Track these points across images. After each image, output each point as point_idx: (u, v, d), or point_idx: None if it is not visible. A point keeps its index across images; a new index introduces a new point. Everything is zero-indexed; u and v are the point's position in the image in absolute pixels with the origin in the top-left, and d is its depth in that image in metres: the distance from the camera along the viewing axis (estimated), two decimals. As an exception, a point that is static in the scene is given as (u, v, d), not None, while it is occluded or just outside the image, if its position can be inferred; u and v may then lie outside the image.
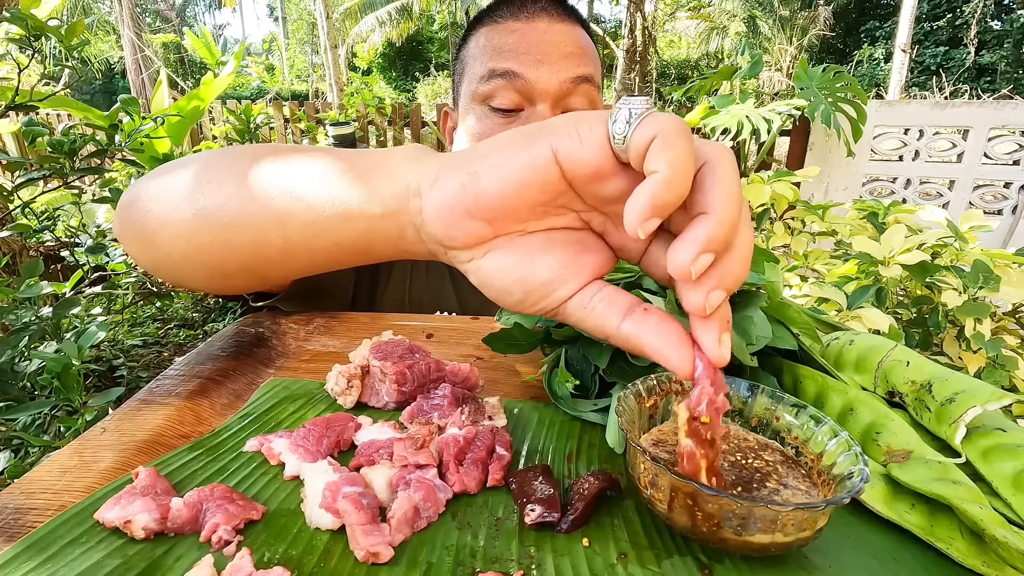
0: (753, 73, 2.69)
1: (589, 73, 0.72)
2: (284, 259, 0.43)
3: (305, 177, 0.39)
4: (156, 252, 0.48)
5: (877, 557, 0.31)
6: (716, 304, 0.27)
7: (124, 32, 11.52)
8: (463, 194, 0.31)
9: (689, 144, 0.26)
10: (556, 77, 0.70)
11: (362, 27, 13.95)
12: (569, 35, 0.73)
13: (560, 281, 0.32)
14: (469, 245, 0.33)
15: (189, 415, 0.45)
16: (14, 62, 1.09)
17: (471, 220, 0.32)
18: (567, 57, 0.71)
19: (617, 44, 6.53)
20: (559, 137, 0.29)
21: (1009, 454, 0.34)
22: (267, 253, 0.42)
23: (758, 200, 0.97)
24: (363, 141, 3.62)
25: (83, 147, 1.18)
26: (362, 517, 0.31)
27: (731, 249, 0.27)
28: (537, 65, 0.70)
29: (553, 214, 0.32)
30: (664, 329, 0.29)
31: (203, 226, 0.43)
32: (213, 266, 0.46)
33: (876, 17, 15.48)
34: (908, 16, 9.84)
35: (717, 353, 0.27)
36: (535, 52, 0.70)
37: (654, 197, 0.25)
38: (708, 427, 0.28)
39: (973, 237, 0.76)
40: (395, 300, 0.82)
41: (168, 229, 0.45)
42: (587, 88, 0.72)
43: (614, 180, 0.29)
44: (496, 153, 0.31)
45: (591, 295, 0.32)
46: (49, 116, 3.77)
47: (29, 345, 1.05)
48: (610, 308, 0.31)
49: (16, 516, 0.34)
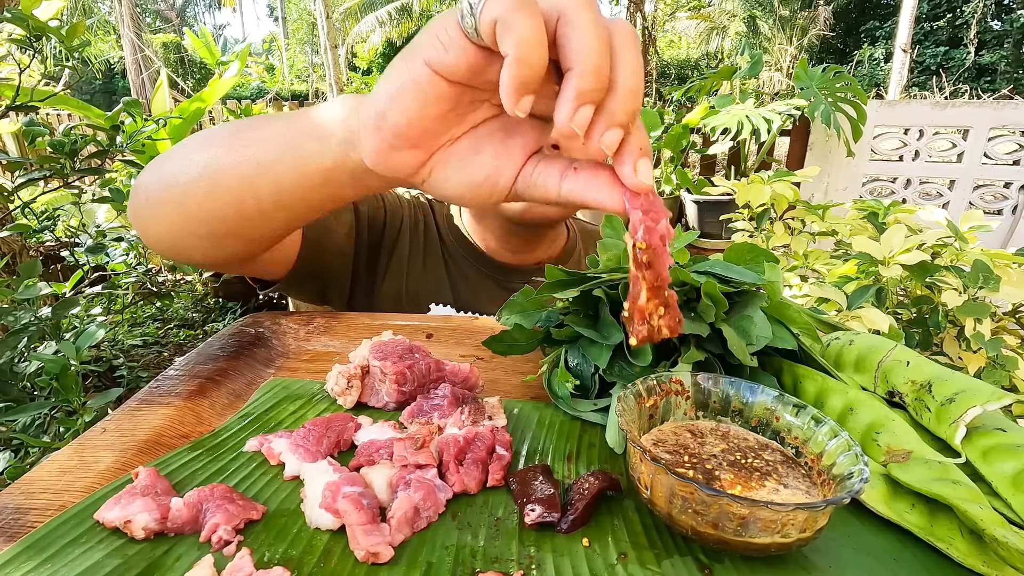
0: (753, 73, 2.69)
1: None
2: (263, 218, 0.47)
3: (263, 145, 0.44)
4: (159, 226, 0.52)
5: (877, 557, 0.31)
6: (614, 142, 0.28)
7: (124, 32, 11.52)
8: (382, 135, 0.34)
9: (529, 17, 0.26)
10: None
11: (362, 27, 13.95)
12: None
13: (498, 171, 0.35)
14: (412, 172, 0.36)
15: (189, 415, 0.45)
16: (15, 62, 1.09)
17: (400, 152, 0.34)
18: None
19: (617, 44, 6.52)
20: (426, 50, 0.30)
21: (1009, 454, 0.34)
22: (246, 214, 0.47)
23: (758, 200, 0.97)
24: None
25: (84, 147, 1.18)
26: (362, 517, 0.31)
27: (613, 88, 0.27)
28: None
29: (468, 112, 0.34)
30: (595, 178, 0.32)
31: (189, 198, 0.48)
32: (204, 233, 0.50)
33: (876, 17, 15.48)
34: (908, 16, 9.83)
35: (634, 181, 0.29)
36: None
37: (512, 79, 0.26)
38: (647, 252, 0.30)
39: (973, 237, 0.76)
40: (392, 293, 0.83)
41: (164, 205, 0.50)
42: None
43: (495, 62, 0.29)
44: (389, 86, 0.33)
45: (531, 171, 0.34)
46: (49, 116, 3.78)
47: (28, 346, 1.05)
48: (548, 177, 0.33)
49: (16, 516, 0.34)
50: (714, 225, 2.52)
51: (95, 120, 1.22)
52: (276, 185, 0.44)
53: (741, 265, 0.46)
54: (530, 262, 0.87)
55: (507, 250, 0.85)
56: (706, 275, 0.44)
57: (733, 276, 0.44)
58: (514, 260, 0.86)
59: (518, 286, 0.85)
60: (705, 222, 2.55)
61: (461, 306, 0.83)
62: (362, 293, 0.83)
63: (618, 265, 0.49)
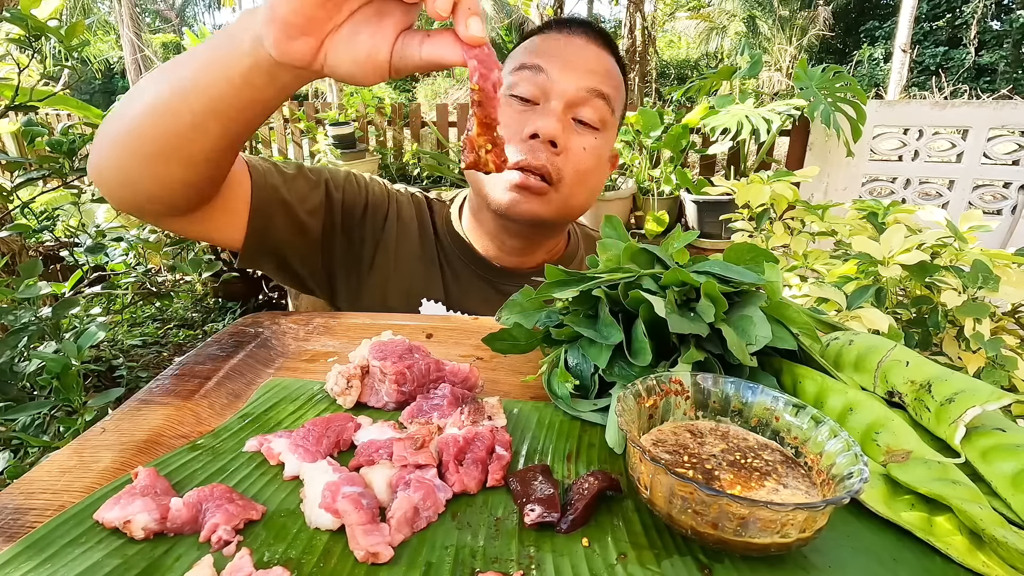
0: (753, 73, 2.69)
1: (606, 92, 0.76)
2: (197, 130, 0.54)
3: (191, 61, 0.52)
4: (111, 159, 0.59)
5: (877, 557, 0.31)
6: (446, 6, 0.38)
7: (124, 32, 11.52)
8: (276, 25, 0.42)
9: None
10: (575, 83, 0.75)
11: (362, 27, 13.94)
12: (601, 58, 0.79)
13: (376, 48, 0.43)
14: (311, 58, 0.44)
15: (189, 415, 0.45)
16: (14, 62, 1.09)
17: (295, 41, 0.43)
18: (592, 71, 0.76)
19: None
20: None
21: (1009, 454, 0.34)
22: (183, 129, 0.54)
23: (758, 200, 0.97)
24: (363, 141, 3.62)
25: (82, 147, 1.18)
26: (362, 517, 0.31)
27: None
28: (562, 68, 0.75)
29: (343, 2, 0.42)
30: (442, 39, 0.41)
31: (137, 122, 0.55)
32: (148, 153, 0.56)
33: (876, 17, 15.48)
34: (908, 16, 9.83)
35: (467, 34, 0.38)
36: (564, 58, 0.76)
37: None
38: (478, 93, 0.39)
39: (973, 237, 0.76)
40: (380, 284, 0.83)
41: (117, 137, 0.57)
42: (600, 103, 0.76)
43: None
44: None
45: (401, 45, 0.43)
46: (48, 116, 3.77)
47: (28, 345, 1.05)
48: (411, 47, 0.43)
49: (16, 516, 0.33)
50: (714, 225, 2.52)
51: (94, 120, 1.22)
52: (205, 93, 0.51)
53: (741, 265, 0.46)
54: (527, 266, 0.87)
55: (503, 252, 0.85)
56: (706, 275, 0.44)
57: (733, 276, 0.44)
58: (511, 263, 0.86)
59: (512, 289, 0.85)
60: (705, 222, 2.55)
61: (452, 305, 0.83)
62: (346, 282, 0.83)
63: (618, 265, 0.49)
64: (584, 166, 0.76)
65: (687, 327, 0.40)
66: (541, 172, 0.73)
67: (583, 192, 0.79)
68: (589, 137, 0.76)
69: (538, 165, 0.72)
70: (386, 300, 0.82)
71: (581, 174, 0.76)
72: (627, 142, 2.75)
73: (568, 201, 0.77)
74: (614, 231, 0.53)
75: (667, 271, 0.44)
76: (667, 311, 0.40)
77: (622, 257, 0.49)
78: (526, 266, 0.87)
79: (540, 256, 0.88)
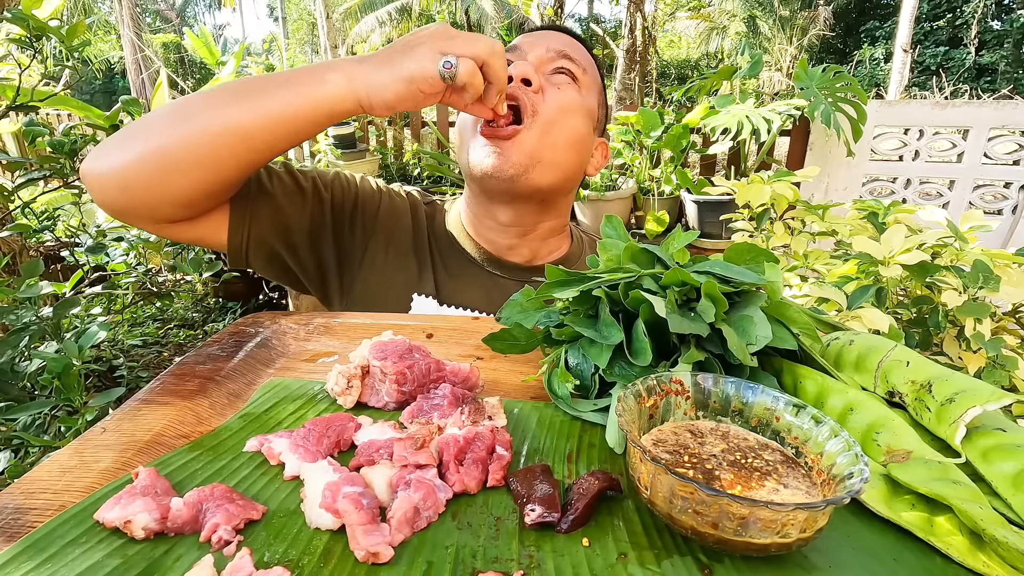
0: (753, 73, 2.69)
1: (574, 56, 0.81)
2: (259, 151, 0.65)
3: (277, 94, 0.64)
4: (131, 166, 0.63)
5: (877, 557, 0.31)
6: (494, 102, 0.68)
7: (124, 32, 11.52)
8: (389, 110, 0.64)
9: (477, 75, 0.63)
10: (543, 48, 0.81)
11: (362, 27, 13.94)
12: (567, 38, 0.84)
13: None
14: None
15: (189, 415, 0.45)
16: (15, 62, 1.09)
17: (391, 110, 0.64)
18: (559, 42, 0.82)
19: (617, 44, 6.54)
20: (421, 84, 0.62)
21: (1009, 454, 0.34)
22: (241, 148, 0.64)
23: (758, 200, 0.97)
24: (363, 141, 3.62)
25: (84, 147, 1.18)
26: (362, 517, 0.31)
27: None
28: (532, 45, 0.81)
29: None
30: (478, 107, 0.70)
31: (192, 137, 0.62)
32: (188, 165, 0.63)
33: (876, 17, 15.47)
34: (908, 16, 9.82)
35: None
36: (533, 39, 0.83)
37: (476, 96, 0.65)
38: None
39: (973, 237, 0.76)
40: (372, 279, 0.83)
41: (156, 147, 0.62)
42: (568, 63, 0.80)
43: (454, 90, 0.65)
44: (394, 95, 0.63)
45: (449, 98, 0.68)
46: (49, 116, 3.77)
47: (29, 345, 1.05)
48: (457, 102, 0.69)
49: (16, 516, 0.34)
50: (714, 225, 2.52)
51: (95, 120, 1.22)
52: (288, 123, 0.64)
53: (741, 265, 0.46)
54: (525, 259, 0.87)
55: (497, 234, 0.84)
56: (706, 275, 0.44)
57: (733, 276, 0.44)
58: (507, 252, 0.86)
59: (508, 281, 0.85)
60: (705, 222, 2.55)
61: (444, 300, 0.83)
62: (338, 278, 0.84)
63: (618, 265, 0.49)
64: (561, 104, 0.77)
65: (687, 327, 0.40)
66: (515, 102, 0.74)
67: (560, 137, 0.77)
68: (563, 80, 0.79)
69: (512, 94, 0.74)
70: (376, 295, 0.82)
71: (558, 112, 0.77)
72: (627, 142, 2.75)
73: (542, 143, 0.76)
74: (614, 231, 0.53)
75: (667, 271, 0.44)
76: (667, 311, 0.40)
77: (622, 257, 0.49)
78: (524, 258, 0.87)
79: (537, 244, 0.87)
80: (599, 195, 2.63)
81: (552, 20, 5.15)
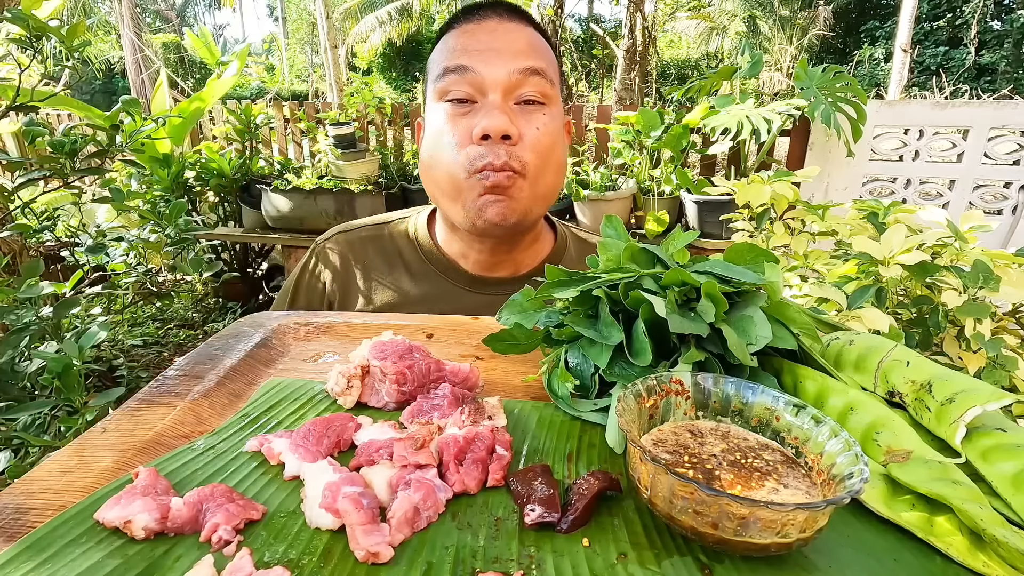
0: (753, 73, 2.69)
1: (539, 66, 0.75)
2: None
3: None
4: None
5: (877, 557, 0.31)
6: None
7: (124, 32, 11.51)
8: None
9: None
10: (505, 68, 0.73)
11: (362, 27, 13.93)
12: (518, 33, 0.77)
13: None
14: None
15: (189, 415, 0.45)
16: (15, 62, 1.09)
17: None
18: (516, 52, 0.75)
19: (617, 44, 6.53)
20: None
21: (1009, 454, 0.34)
22: None
23: (758, 200, 0.97)
24: (363, 141, 3.62)
25: (83, 147, 1.18)
26: (362, 517, 0.31)
27: None
28: (486, 59, 0.74)
29: None
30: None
31: None
32: None
33: (876, 17, 15.46)
34: (908, 16, 9.82)
35: None
36: (484, 47, 0.74)
37: None
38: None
39: (973, 237, 0.76)
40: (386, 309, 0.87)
41: None
42: (537, 80, 0.75)
43: None
44: None
45: None
46: (49, 116, 3.77)
47: (30, 345, 1.05)
48: None
49: (16, 516, 0.34)
50: (714, 225, 2.52)
51: (95, 120, 1.22)
52: None
53: (741, 265, 0.46)
54: (510, 273, 0.86)
55: (482, 258, 0.84)
56: (706, 275, 0.44)
57: (733, 276, 0.44)
58: (492, 272, 0.85)
59: (496, 297, 0.84)
60: (705, 222, 2.55)
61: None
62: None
63: (618, 265, 0.49)
64: (543, 146, 0.75)
65: (687, 327, 0.40)
66: (505, 170, 0.72)
67: (549, 172, 0.78)
68: (538, 115, 0.75)
69: (500, 164, 0.72)
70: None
71: (543, 155, 0.75)
72: (627, 142, 2.75)
73: (537, 185, 0.76)
74: (614, 231, 0.53)
75: (667, 271, 0.44)
76: (667, 311, 0.40)
77: (622, 257, 0.49)
78: (509, 271, 0.86)
79: (520, 256, 0.87)
80: (599, 195, 2.63)
81: (552, 20, 5.14)
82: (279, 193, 2.84)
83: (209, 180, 2.96)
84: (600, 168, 2.86)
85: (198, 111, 3.07)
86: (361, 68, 12.99)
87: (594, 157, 3.08)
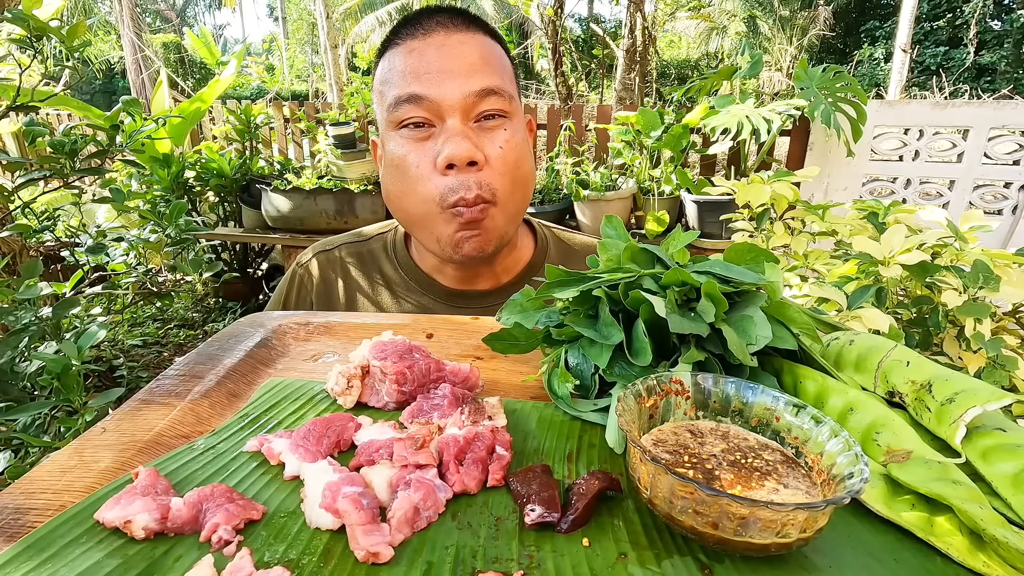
0: (753, 73, 2.69)
1: (494, 84, 0.71)
2: None
3: None
4: None
5: (877, 557, 0.31)
6: None
7: (124, 32, 11.51)
8: None
9: None
10: (460, 91, 0.69)
11: (362, 27, 13.94)
12: (468, 46, 0.71)
13: None
14: None
15: (189, 415, 0.45)
16: (15, 62, 1.09)
17: None
18: (469, 70, 0.70)
19: (617, 44, 6.54)
20: None
21: (1009, 454, 0.34)
22: None
23: (758, 200, 0.97)
24: (363, 141, 3.62)
25: (84, 147, 1.18)
26: (362, 517, 0.31)
27: None
28: (440, 83, 0.69)
29: None
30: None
31: None
32: None
33: (876, 17, 15.46)
34: (908, 16, 9.81)
35: None
36: (435, 70, 0.70)
37: None
38: None
39: (973, 237, 0.76)
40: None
41: None
42: (495, 98, 0.71)
43: None
44: None
45: None
46: (49, 116, 3.77)
47: (29, 345, 1.05)
48: None
49: (16, 516, 0.34)
50: (714, 225, 2.52)
51: (95, 120, 1.22)
52: None
53: (741, 265, 0.46)
54: (491, 285, 0.85)
55: (459, 272, 0.83)
56: (706, 275, 0.44)
57: (733, 276, 0.44)
58: (472, 286, 0.85)
59: (476, 310, 0.83)
60: (705, 222, 2.55)
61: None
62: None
63: (618, 265, 0.49)
64: (510, 163, 0.73)
65: (687, 327, 0.40)
66: (478, 203, 0.70)
67: (518, 190, 0.76)
68: (499, 132, 0.72)
69: (472, 198, 0.70)
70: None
71: (510, 174, 0.73)
72: (627, 142, 2.75)
73: (508, 208, 0.75)
74: (614, 231, 0.53)
75: (667, 271, 0.44)
76: (667, 311, 0.40)
77: (622, 257, 0.49)
78: (489, 283, 0.85)
79: (498, 268, 0.85)
80: (599, 195, 2.63)
81: (552, 20, 5.14)
82: (279, 193, 2.84)
83: (209, 180, 2.96)
84: (600, 168, 2.86)
85: (198, 111, 3.08)
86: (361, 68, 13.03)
87: (594, 157, 3.08)
